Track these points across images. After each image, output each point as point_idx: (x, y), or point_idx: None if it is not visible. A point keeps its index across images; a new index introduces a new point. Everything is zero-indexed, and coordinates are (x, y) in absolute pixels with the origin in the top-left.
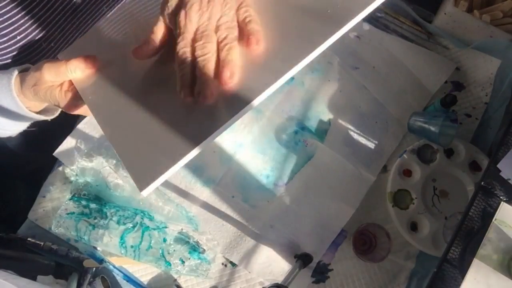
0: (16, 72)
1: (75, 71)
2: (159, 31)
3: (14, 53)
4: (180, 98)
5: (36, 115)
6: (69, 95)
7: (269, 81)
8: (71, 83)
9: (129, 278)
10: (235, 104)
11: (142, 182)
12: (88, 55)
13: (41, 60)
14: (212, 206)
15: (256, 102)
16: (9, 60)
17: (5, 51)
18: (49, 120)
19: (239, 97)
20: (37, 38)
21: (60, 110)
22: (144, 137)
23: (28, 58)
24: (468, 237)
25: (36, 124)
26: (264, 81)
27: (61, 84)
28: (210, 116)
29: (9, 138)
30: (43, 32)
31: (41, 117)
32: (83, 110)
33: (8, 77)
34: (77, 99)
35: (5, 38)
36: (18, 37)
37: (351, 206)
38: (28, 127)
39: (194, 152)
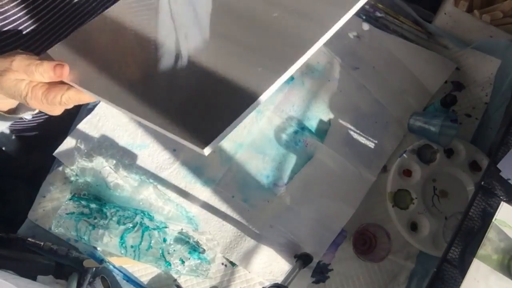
0: None
1: (43, 76)
2: None
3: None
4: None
5: (6, 115)
6: (36, 91)
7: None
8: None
9: (129, 278)
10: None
11: (201, 140)
12: (60, 63)
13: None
14: (212, 206)
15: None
16: None
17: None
18: (26, 119)
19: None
20: (39, 48)
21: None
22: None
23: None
24: (468, 237)
25: (37, 128)
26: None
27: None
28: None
29: (9, 141)
30: (46, 41)
31: (14, 117)
32: (46, 107)
33: None
34: (45, 96)
35: (8, 48)
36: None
37: (351, 206)
38: (28, 131)
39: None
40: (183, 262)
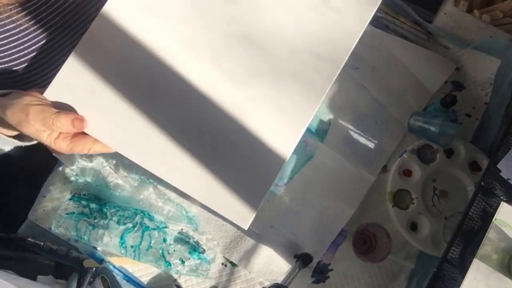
0: None
1: (62, 130)
2: None
3: (28, 74)
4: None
5: (14, 140)
6: (59, 143)
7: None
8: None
9: (129, 278)
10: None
11: (243, 220)
12: (77, 117)
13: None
14: None
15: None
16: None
17: (19, 73)
18: (23, 146)
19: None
20: (53, 60)
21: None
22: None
23: (41, 81)
24: (468, 237)
25: None
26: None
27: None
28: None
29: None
30: (56, 51)
31: (19, 142)
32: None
33: None
34: (70, 149)
35: (22, 60)
36: (35, 59)
37: (351, 206)
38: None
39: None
40: (183, 262)
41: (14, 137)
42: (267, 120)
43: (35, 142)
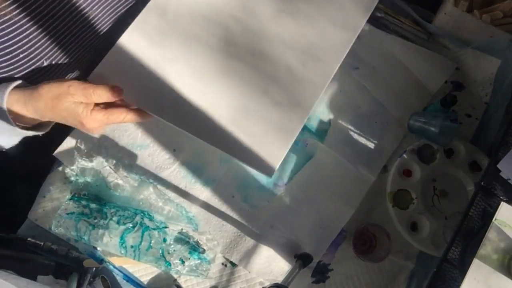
0: (9, 89)
1: (101, 97)
2: None
3: (15, 71)
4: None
5: (27, 132)
6: (95, 114)
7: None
8: (97, 104)
9: (129, 278)
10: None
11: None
12: (114, 85)
13: (43, 80)
14: (212, 206)
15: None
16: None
17: (6, 69)
18: (41, 135)
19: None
20: (39, 57)
21: (51, 125)
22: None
23: (28, 77)
24: (468, 237)
25: None
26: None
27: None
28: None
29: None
30: (46, 51)
31: (33, 133)
32: (96, 128)
33: (1, 93)
34: (107, 118)
35: (8, 57)
36: (21, 55)
37: (351, 206)
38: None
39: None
40: (183, 262)
41: (29, 128)
42: None
43: (50, 127)
